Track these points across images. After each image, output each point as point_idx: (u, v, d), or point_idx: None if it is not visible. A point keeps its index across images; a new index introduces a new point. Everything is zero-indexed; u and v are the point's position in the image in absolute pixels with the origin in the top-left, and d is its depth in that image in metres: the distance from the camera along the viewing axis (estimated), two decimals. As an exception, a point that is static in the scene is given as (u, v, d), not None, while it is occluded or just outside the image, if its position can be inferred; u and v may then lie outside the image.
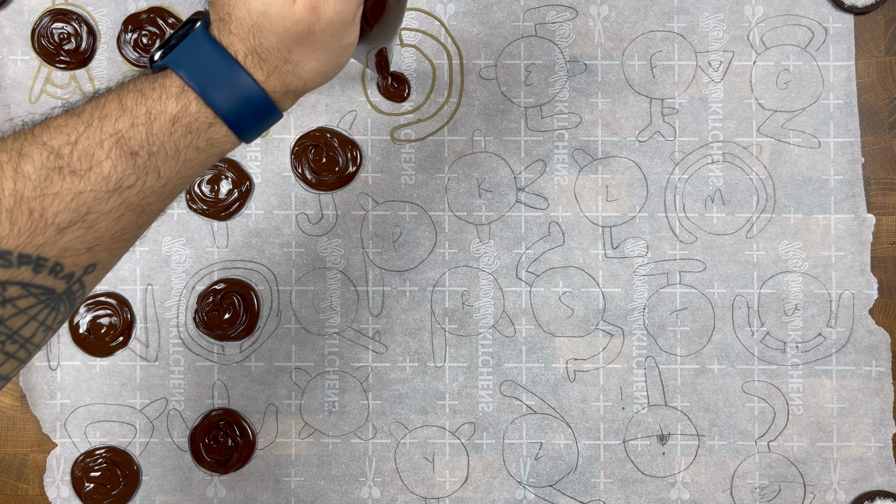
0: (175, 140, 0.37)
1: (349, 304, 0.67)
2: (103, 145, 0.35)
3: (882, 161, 0.67)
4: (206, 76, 0.37)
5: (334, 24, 0.37)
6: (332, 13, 0.37)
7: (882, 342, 0.66)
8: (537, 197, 0.67)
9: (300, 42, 0.38)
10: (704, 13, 0.67)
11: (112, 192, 0.36)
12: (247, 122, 0.39)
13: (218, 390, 0.66)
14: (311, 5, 0.36)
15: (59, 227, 0.35)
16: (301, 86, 0.39)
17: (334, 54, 0.39)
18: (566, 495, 0.66)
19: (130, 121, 0.36)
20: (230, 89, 0.37)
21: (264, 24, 0.37)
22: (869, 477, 0.66)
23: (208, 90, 0.37)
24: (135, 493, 0.66)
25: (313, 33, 0.37)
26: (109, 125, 0.36)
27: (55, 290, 0.36)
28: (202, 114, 0.37)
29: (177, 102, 0.37)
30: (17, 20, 0.66)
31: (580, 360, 0.66)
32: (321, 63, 0.39)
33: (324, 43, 0.38)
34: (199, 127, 0.37)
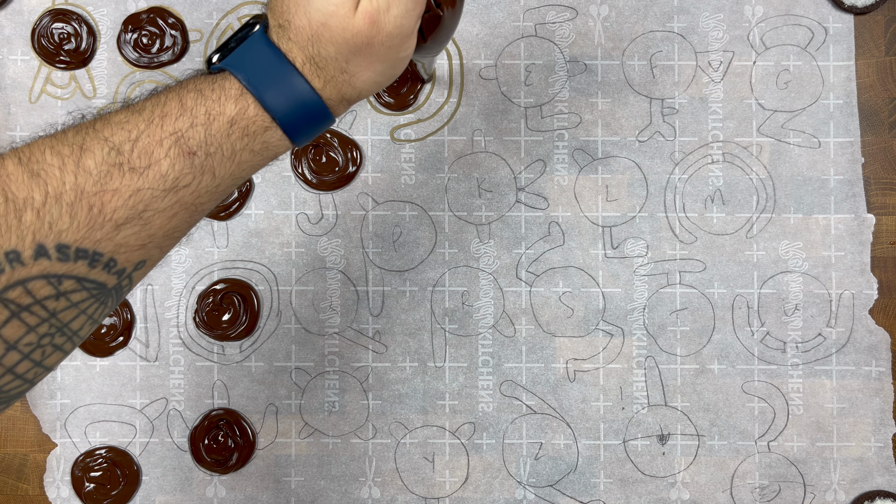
0: (232, 142, 0.37)
1: (349, 304, 0.67)
2: (163, 144, 0.36)
3: (882, 161, 0.67)
4: (264, 80, 0.37)
5: (393, 38, 0.38)
6: (392, 27, 0.37)
7: (882, 342, 0.66)
8: (537, 197, 0.67)
9: (358, 53, 0.38)
10: (704, 13, 0.67)
11: (168, 191, 0.36)
12: (302, 127, 0.39)
13: (218, 390, 0.66)
14: (372, 19, 0.37)
15: (117, 224, 0.35)
16: (356, 95, 0.40)
17: (390, 66, 0.39)
18: (566, 495, 0.66)
19: (190, 121, 0.36)
20: (288, 95, 0.38)
21: (324, 35, 0.37)
22: (869, 477, 0.66)
23: (266, 94, 0.37)
24: (135, 493, 0.66)
25: (372, 46, 0.38)
26: (169, 124, 0.36)
27: (107, 284, 0.36)
28: (259, 117, 0.38)
29: (235, 105, 0.37)
30: (17, 20, 0.66)
31: (580, 360, 0.66)
32: (377, 74, 0.39)
33: (382, 55, 0.38)
34: (255, 130, 0.38)
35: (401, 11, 0.37)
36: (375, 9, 0.37)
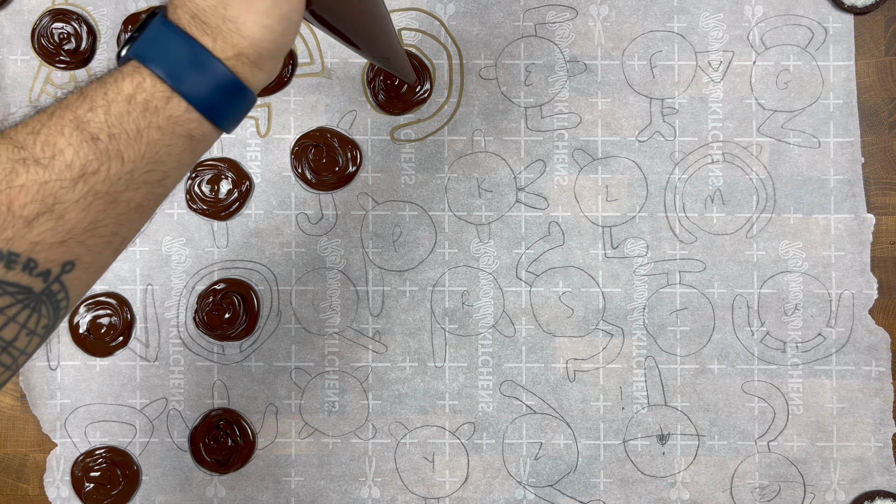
0: (134, 119, 0.36)
1: (349, 304, 0.67)
2: (64, 132, 0.35)
3: (882, 161, 0.67)
4: (156, 50, 0.37)
5: None
6: None
7: (882, 342, 0.66)
8: (537, 197, 0.67)
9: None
10: (704, 13, 0.67)
11: (77, 180, 0.35)
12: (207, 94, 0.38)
13: (218, 390, 0.66)
14: None
15: (27, 220, 0.34)
16: (249, 45, 0.38)
17: (273, 4, 0.37)
18: (566, 495, 0.66)
19: (89, 105, 0.36)
20: (179, 58, 0.37)
21: None
22: (869, 477, 0.66)
23: (155, 64, 0.36)
24: (135, 493, 0.66)
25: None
26: (70, 112, 0.36)
27: (32, 288, 0.35)
28: (157, 88, 0.37)
29: (132, 81, 0.36)
30: (17, 20, 0.66)
31: (580, 360, 0.66)
32: (261, 15, 0.37)
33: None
34: (156, 104, 0.37)
35: None
36: None
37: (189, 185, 0.66)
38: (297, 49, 0.67)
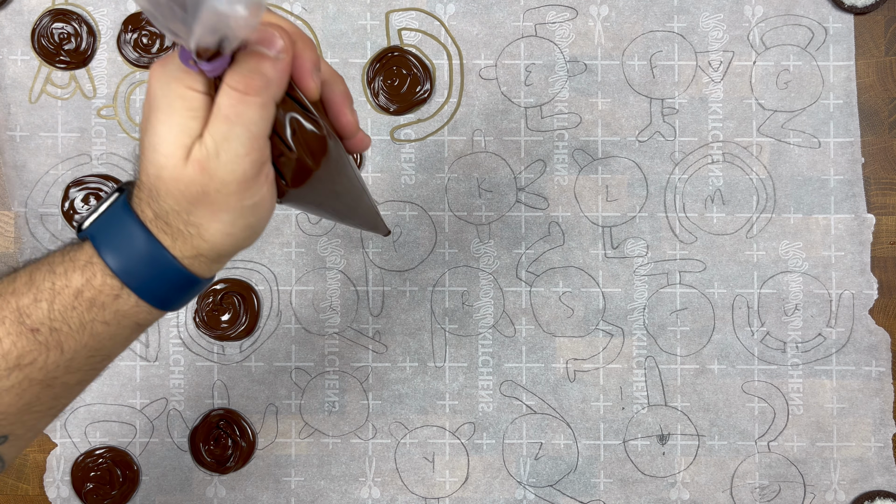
0: (79, 314, 0.35)
1: (349, 304, 0.67)
2: (4, 322, 0.35)
3: (882, 161, 0.67)
4: (113, 243, 0.36)
5: (228, 185, 0.34)
6: (224, 173, 0.34)
7: (882, 342, 0.66)
8: (537, 197, 0.67)
9: (197, 204, 0.35)
10: (704, 13, 0.67)
11: (12, 369, 0.35)
12: (160, 290, 0.37)
13: (218, 390, 0.66)
14: (201, 166, 0.34)
15: None
16: (209, 248, 0.36)
17: (238, 215, 0.35)
18: (566, 495, 0.66)
19: (33, 296, 0.35)
20: (136, 256, 0.36)
21: (160, 188, 0.35)
22: (869, 477, 0.66)
23: (113, 258, 0.35)
24: (135, 493, 0.66)
25: (208, 195, 0.34)
26: (14, 301, 0.35)
27: None
28: (106, 286, 0.36)
29: (82, 275, 0.35)
30: (17, 20, 0.66)
31: (580, 360, 0.66)
32: (226, 224, 0.36)
33: (222, 204, 0.35)
34: (104, 300, 0.36)
35: (230, 157, 0.34)
36: (204, 155, 0.34)
37: (189, 185, 0.66)
38: (297, 49, 0.67)
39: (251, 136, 0.34)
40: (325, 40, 0.67)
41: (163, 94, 0.34)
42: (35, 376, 0.36)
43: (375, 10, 0.67)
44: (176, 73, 0.34)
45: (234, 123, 0.33)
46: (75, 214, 0.66)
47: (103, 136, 0.66)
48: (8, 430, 0.36)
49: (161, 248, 0.36)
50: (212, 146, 0.34)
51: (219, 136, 0.34)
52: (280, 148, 0.36)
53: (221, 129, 0.34)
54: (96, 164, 0.66)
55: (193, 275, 0.37)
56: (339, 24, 0.67)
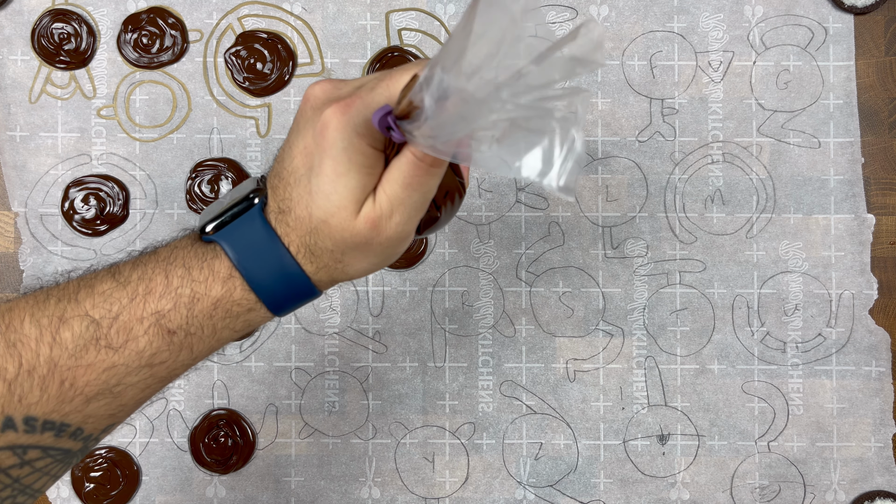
0: (214, 322, 0.37)
1: (349, 304, 0.67)
2: (143, 322, 0.36)
3: (882, 161, 0.67)
4: (257, 264, 0.37)
5: (392, 240, 0.37)
6: (393, 232, 0.37)
7: (882, 342, 0.66)
8: (537, 197, 0.67)
9: (356, 249, 0.37)
10: (704, 13, 0.67)
11: (143, 367, 0.36)
12: (288, 305, 0.39)
13: (218, 390, 0.66)
14: (374, 224, 0.36)
15: (87, 397, 0.35)
16: (347, 278, 0.39)
17: (385, 258, 0.39)
18: (566, 495, 0.66)
19: (173, 301, 0.36)
20: (279, 279, 0.37)
21: (323, 230, 0.36)
22: (869, 477, 0.66)
23: (258, 279, 0.37)
24: (135, 493, 0.66)
25: (370, 245, 0.37)
26: (152, 302, 0.36)
27: (72, 450, 0.36)
28: (245, 299, 0.37)
29: (222, 287, 0.37)
30: (17, 20, 0.66)
31: (580, 360, 0.66)
32: (370, 265, 0.39)
33: (379, 252, 0.38)
34: (239, 311, 0.37)
35: (404, 218, 0.36)
36: (378, 215, 0.36)
37: (189, 185, 0.66)
38: (297, 49, 0.67)
39: (424, 201, 0.37)
40: (325, 40, 0.67)
41: (343, 146, 0.35)
42: (161, 374, 0.37)
43: (375, 10, 0.67)
44: (361, 129, 0.35)
45: (415, 191, 0.36)
46: (75, 215, 0.66)
47: (103, 136, 0.66)
48: (118, 419, 0.37)
49: (303, 274, 0.37)
50: (387, 208, 0.36)
51: (396, 200, 0.36)
52: (430, 206, 0.39)
53: (400, 194, 0.36)
54: (96, 164, 0.66)
55: (320, 292, 0.39)
56: (339, 24, 0.67)
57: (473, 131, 0.31)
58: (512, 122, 0.31)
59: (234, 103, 0.67)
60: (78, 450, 0.37)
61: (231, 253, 0.37)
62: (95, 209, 0.66)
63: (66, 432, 0.35)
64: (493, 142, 0.31)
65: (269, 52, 0.66)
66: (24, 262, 0.66)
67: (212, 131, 0.66)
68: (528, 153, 0.31)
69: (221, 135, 0.66)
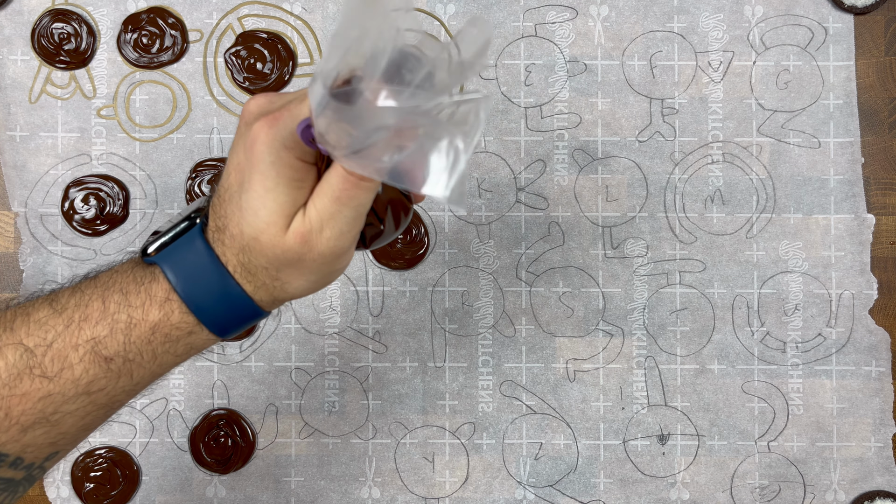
0: (153, 347, 0.36)
1: (349, 304, 0.67)
2: (78, 349, 0.35)
3: (882, 161, 0.67)
4: (196, 285, 0.36)
5: (325, 257, 0.36)
6: (325, 248, 0.35)
7: (882, 342, 0.66)
8: (537, 197, 0.67)
9: (290, 266, 0.36)
10: (704, 13, 0.67)
11: (81, 395, 0.35)
12: (231, 327, 0.38)
13: (218, 390, 0.66)
14: (304, 238, 0.35)
15: (24, 427, 0.34)
16: (288, 297, 0.38)
17: (325, 276, 0.38)
18: (566, 495, 0.66)
19: (110, 327, 0.35)
20: (218, 299, 0.36)
21: (254, 248, 0.35)
22: (869, 477, 0.66)
23: (196, 300, 0.36)
24: (135, 493, 0.66)
25: (304, 262, 0.36)
26: (88, 329, 0.35)
27: (14, 479, 0.36)
28: (184, 322, 0.36)
29: (160, 310, 0.36)
30: (17, 20, 0.66)
31: (580, 360, 0.66)
32: (310, 283, 0.37)
33: (315, 269, 0.37)
34: (178, 335, 0.36)
35: (335, 233, 0.35)
36: (308, 230, 0.35)
37: (189, 185, 0.66)
38: (297, 49, 0.67)
39: (356, 216, 0.35)
40: (325, 39, 0.67)
41: (271, 161, 0.34)
42: (100, 401, 0.36)
43: (375, 10, 0.67)
44: (288, 142, 0.34)
45: (345, 205, 0.34)
46: (75, 215, 0.66)
47: (103, 136, 0.66)
48: (60, 447, 0.37)
49: (243, 294, 0.37)
50: (316, 222, 0.35)
51: (326, 214, 0.34)
52: (370, 219, 0.38)
53: (330, 208, 0.34)
54: (96, 164, 0.66)
55: (265, 312, 0.38)
56: (339, 24, 0.67)
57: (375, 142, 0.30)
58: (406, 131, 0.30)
59: (234, 103, 0.67)
60: (22, 478, 0.36)
61: (170, 275, 0.36)
62: (95, 209, 0.66)
63: (6, 462, 0.35)
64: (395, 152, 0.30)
65: (269, 52, 0.66)
66: (24, 262, 0.66)
67: (212, 131, 0.66)
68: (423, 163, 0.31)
69: (221, 135, 0.66)
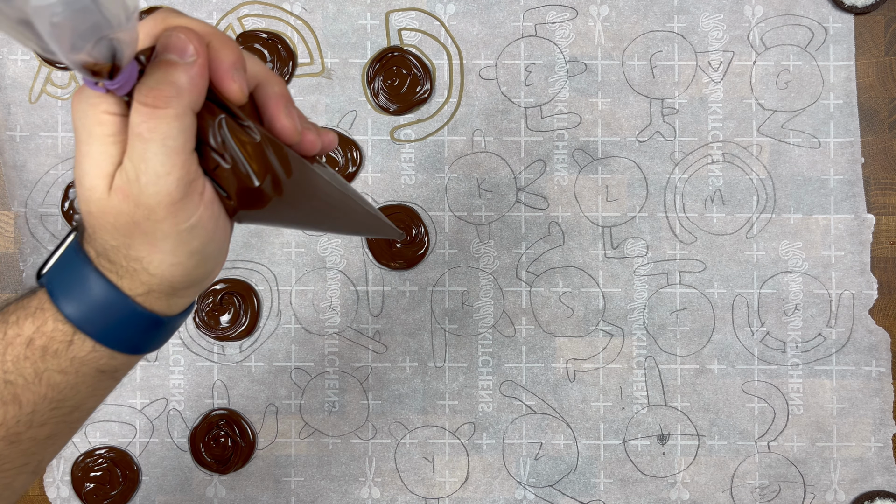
0: (32, 364, 0.33)
1: (349, 304, 0.67)
2: None
3: (882, 161, 0.67)
4: (62, 287, 0.34)
5: (155, 210, 0.31)
6: (148, 196, 0.31)
7: (882, 342, 0.66)
8: (537, 197, 0.67)
9: (131, 235, 0.32)
10: (704, 13, 0.67)
11: None
12: (119, 333, 0.34)
13: (218, 390, 0.66)
14: (124, 192, 0.31)
15: None
16: (159, 282, 0.34)
17: (178, 242, 0.33)
18: (566, 495, 0.66)
19: None
20: (86, 298, 0.33)
21: (92, 223, 0.33)
22: (869, 477, 0.66)
23: (62, 301, 0.33)
24: (135, 493, 0.66)
25: (138, 223, 0.32)
26: None
27: None
28: (58, 331, 0.33)
29: (33, 322, 0.33)
30: (17, 20, 0.66)
31: (580, 360, 0.66)
32: (167, 254, 0.33)
33: (157, 232, 0.32)
34: (57, 348, 0.33)
35: (150, 178, 0.31)
36: (125, 181, 0.31)
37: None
38: (297, 49, 0.67)
39: (169, 151, 0.31)
40: (325, 40, 0.67)
41: (82, 124, 0.32)
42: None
43: (375, 10, 0.67)
44: (91, 100, 0.31)
45: (149, 141, 0.31)
46: (75, 215, 0.66)
47: (103, 136, 0.66)
48: None
49: (111, 287, 0.33)
50: (131, 170, 0.31)
51: (136, 157, 0.31)
52: (214, 160, 0.33)
53: (137, 149, 0.31)
54: (96, 164, 0.66)
55: (153, 313, 0.34)
56: (339, 24, 0.67)
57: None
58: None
59: (234, 103, 0.66)
60: None
61: (47, 287, 0.34)
62: (95, 209, 0.66)
63: None
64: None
65: (269, 52, 0.66)
66: (24, 262, 0.66)
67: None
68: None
69: (221, 135, 0.66)
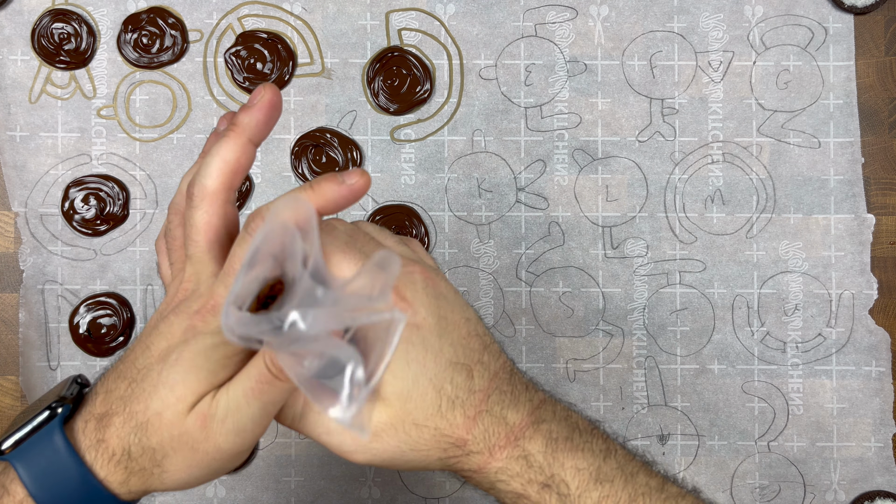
0: None
1: (349, 304, 0.66)
2: None
3: (882, 161, 0.67)
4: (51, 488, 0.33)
5: (222, 451, 0.33)
6: (223, 440, 0.33)
7: (882, 342, 0.66)
8: (537, 197, 0.67)
9: (179, 452, 0.33)
10: (704, 13, 0.67)
11: None
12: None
13: (218, 390, 0.66)
14: (204, 421, 0.32)
15: None
16: (160, 489, 0.35)
17: (210, 473, 0.34)
18: (566, 495, 0.66)
19: None
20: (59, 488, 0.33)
21: (154, 424, 0.33)
22: (869, 477, 0.66)
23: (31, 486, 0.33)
24: (135, 493, 0.66)
25: (196, 451, 0.33)
26: None
27: None
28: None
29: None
30: (17, 20, 0.66)
31: (580, 360, 0.66)
32: (192, 478, 0.34)
33: (205, 464, 0.34)
34: None
35: (236, 427, 0.33)
36: (211, 413, 0.33)
37: (189, 185, 0.66)
38: (297, 49, 0.67)
39: (264, 415, 0.33)
40: (325, 40, 0.67)
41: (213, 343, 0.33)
42: None
43: (375, 10, 0.67)
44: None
45: (255, 398, 0.32)
46: (75, 215, 0.66)
47: (103, 136, 0.66)
48: None
49: (109, 496, 0.33)
50: (223, 409, 0.33)
51: (234, 404, 0.32)
52: None
53: (239, 398, 0.32)
54: (96, 164, 0.66)
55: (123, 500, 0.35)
56: (339, 24, 0.67)
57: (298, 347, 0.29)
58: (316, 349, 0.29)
59: (235, 103, 0.67)
60: None
61: (23, 475, 0.33)
62: (95, 209, 0.66)
63: None
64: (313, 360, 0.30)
65: (269, 52, 0.66)
66: (24, 262, 0.66)
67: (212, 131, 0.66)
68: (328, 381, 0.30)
69: (221, 135, 0.66)
